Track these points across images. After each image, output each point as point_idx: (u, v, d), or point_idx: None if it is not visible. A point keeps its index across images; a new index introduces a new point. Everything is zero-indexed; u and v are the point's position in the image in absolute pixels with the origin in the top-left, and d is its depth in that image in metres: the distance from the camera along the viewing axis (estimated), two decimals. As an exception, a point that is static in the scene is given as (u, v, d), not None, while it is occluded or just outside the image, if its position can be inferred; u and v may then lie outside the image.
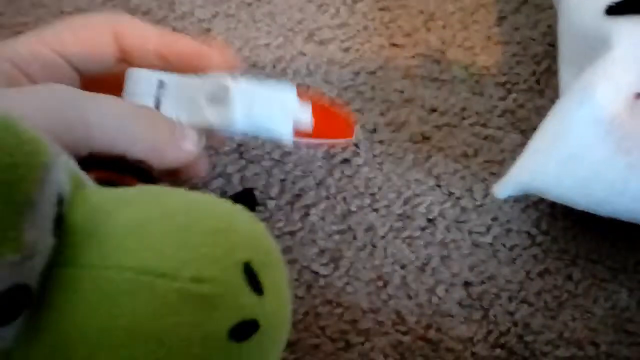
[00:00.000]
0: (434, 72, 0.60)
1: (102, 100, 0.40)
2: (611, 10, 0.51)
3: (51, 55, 0.43)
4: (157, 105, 0.46)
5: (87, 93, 0.40)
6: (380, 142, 0.56)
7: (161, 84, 0.46)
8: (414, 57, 0.60)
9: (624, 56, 0.48)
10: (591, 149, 0.47)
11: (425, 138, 0.57)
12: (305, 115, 0.49)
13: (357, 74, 0.60)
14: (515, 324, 0.49)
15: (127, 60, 0.46)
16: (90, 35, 0.45)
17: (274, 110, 0.48)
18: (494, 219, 0.53)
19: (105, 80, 0.46)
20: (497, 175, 0.55)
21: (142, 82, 0.46)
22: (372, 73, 0.60)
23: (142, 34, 0.46)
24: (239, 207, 0.34)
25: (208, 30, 0.63)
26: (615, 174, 0.47)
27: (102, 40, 0.45)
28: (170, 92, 0.46)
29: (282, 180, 0.55)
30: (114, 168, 0.40)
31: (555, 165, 0.48)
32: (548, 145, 0.48)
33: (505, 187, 0.49)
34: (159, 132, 0.41)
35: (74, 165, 0.32)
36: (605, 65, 0.48)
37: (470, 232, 0.53)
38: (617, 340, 0.49)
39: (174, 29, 0.64)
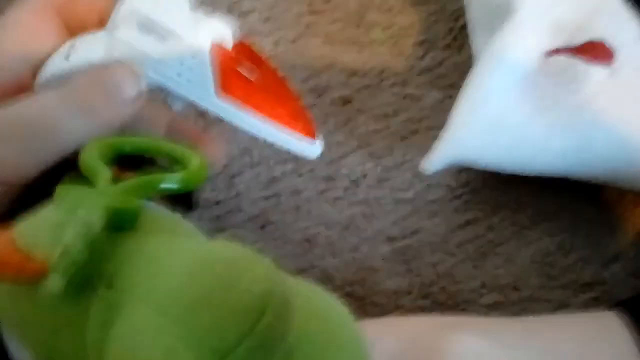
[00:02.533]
0: (353, 35, 0.60)
1: (40, 104, 0.39)
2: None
3: (50, 27, 0.43)
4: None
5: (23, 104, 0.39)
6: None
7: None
8: (333, 22, 0.61)
9: (529, 16, 0.49)
10: (511, 113, 0.48)
11: (347, 101, 0.57)
12: (225, 31, 0.43)
13: (278, 43, 0.60)
14: (439, 275, 0.51)
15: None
16: (30, 29, 0.43)
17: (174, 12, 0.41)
18: (415, 175, 0.54)
19: None
20: (417, 134, 0.56)
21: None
22: (293, 41, 0.60)
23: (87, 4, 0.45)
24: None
25: None
26: (537, 134, 0.48)
27: (45, 29, 0.43)
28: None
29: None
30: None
31: (478, 136, 0.49)
32: (469, 116, 0.48)
33: (433, 162, 0.50)
34: (86, 99, 0.39)
35: None
36: (513, 28, 0.49)
37: (392, 189, 0.53)
38: (540, 284, 0.51)
39: None
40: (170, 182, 0.32)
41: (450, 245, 0.52)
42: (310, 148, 0.45)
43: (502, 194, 0.53)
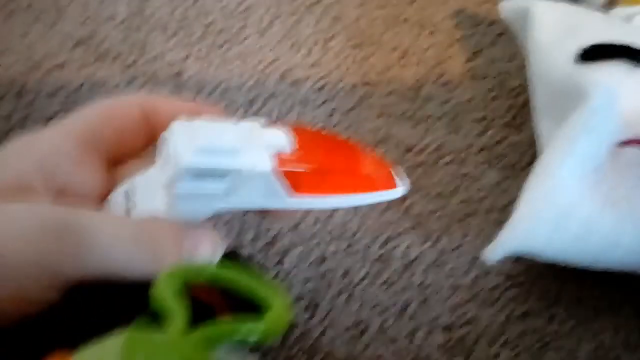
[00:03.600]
0: (408, 110, 0.59)
1: (96, 219, 0.36)
2: (583, 57, 0.50)
3: (78, 146, 0.39)
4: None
5: (76, 212, 0.36)
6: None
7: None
8: (388, 95, 0.60)
9: (602, 105, 0.47)
10: (580, 205, 0.46)
11: (402, 178, 0.56)
12: (280, 138, 0.41)
13: (331, 114, 0.59)
14: (498, 369, 0.48)
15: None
16: (119, 119, 0.41)
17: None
18: (473, 259, 0.52)
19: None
20: (474, 216, 0.54)
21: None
22: (346, 113, 0.59)
23: (173, 109, 0.41)
24: None
25: (179, 73, 0.62)
26: (606, 228, 0.46)
27: (131, 122, 0.41)
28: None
29: (257, 226, 0.53)
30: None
31: (545, 227, 0.46)
32: (535, 207, 0.47)
33: (495, 251, 0.47)
34: (159, 247, 0.37)
35: None
36: (584, 117, 0.47)
37: (447, 275, 0.51)
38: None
39: (144, 73, 0.63)
40: (253, 333, 0.29)
41: (509, 337, 0.49)
42: (395, 194, 0.44)
43: (562, 283, 0.51)
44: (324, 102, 0.59)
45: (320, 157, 0.43)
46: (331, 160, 0.44)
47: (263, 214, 0.42)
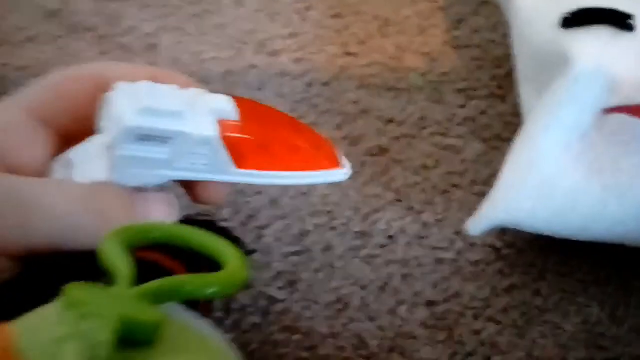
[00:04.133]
0: (390, 80, 0.58)
1: (45, 189, 0.35)
2: (567, 23, 0.49)
3: (29, 122, 0.38)
4: None
5: (24, 180, 0.35)
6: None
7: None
8: (369, 65, 0.58)
9: (586, 72, 0.46)
10: (564, 175, 0.45)
11: (383, 150, 0.55)
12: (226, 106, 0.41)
13: (310, 85, 0.58)
14: (482, 344, 0.47)
15: None
16: (71, 92, 0.39)
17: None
18: (457, 232, 0.51)
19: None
20: (458, 187, 0.53)
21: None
22: (326, 84, 0.58)
23: (129, 76, 0.39)
24: None
25: (154, 45, 0.61)
26: (591, 198, 0.45)
27: (84, 95, 0.39)
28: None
29: (234, 201, 0.52)
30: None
31: (529, 198, 0.46)
32: (519, 178, 0.46)
33: (478, 224, 0.47)
34: (109, 212, 0.36)
35: None
36: (568, 85, 0.46)
37: (432, 248, 0.51)
38: (589, 356, 0.47)
39: (120, 45, 0.61)
40: (207, 286, 0.28)
41: (494, 311, 0.48)
42: (339, 175, 0.45)
43: (548, 257, 0.51)
44: (303, 74, 0.58)
45: (264, 130, 0.43)
46: (275, 134, 0.44)
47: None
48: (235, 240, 0.45)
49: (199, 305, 0.38)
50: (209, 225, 0.46)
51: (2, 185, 0.34)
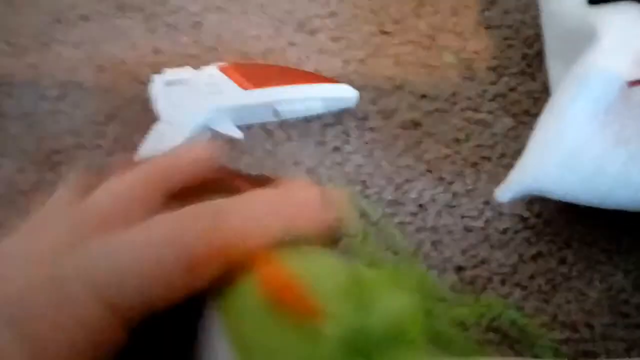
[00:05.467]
0: (424, 58, 0.59)
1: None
2: None
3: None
4: None
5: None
6: (371, 129, 0.56)
7: None
8: (404, 44, 0.60)
9: (612, 45, 0.47)
10: (590, 143, 0.47)
11: (416, 124, 0.56)
12: None
13: (347, 62, 0.60)
14: (508, 308, 0.49)
15: None
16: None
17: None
18: (486, 202, 0.53)
19: None
20: (487, 160, 0.54)
21: None
22: (363, 61, 0.60)
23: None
24: None
25: (199, 23, 0.63)
26: (617, 166, 0.47)
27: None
28: None
29: (274, 170, 0.55)
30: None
31: (556, 165, 0.47)
32: (546, 146, 0.47)
33: (507, 190, 0.48)
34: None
35: None
36: (595, 57, 0.47)
37: (461, 217, 0.52)
38: (613, 322, 0.49)
39: (166, 24, 0.64)
40: None
41: (521, 277, 0.50)
42: (345, 91, 0.57)
43: (575, 226, 0.52)
44: (340, 51, 0.60)
45: (259, 67, 0.60)
46: (271, 67, 0.60)
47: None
48: None
49: None
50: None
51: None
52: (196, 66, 0.58)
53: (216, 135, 0.55)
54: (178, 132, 0.54)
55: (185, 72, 0.57)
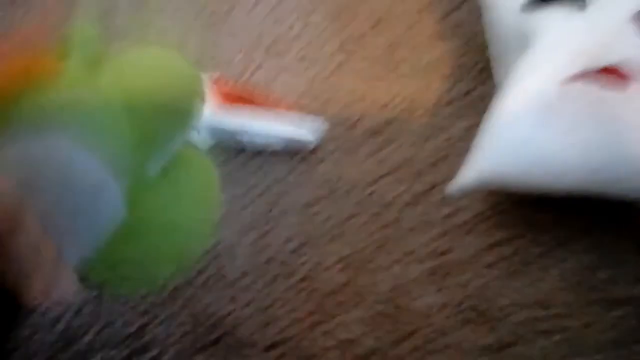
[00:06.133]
0: (382, 71, 0.63)
1: None
2: (529, 5, 0.54)
3: None
4: None
5: None
6: (335, 139, 0.60)
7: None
8: (363, 60, 0.64)
9: (546, 46, 0.51)
10: (532, 138, 0.50)
11: (377, 132, 0.60)
12: None
13: (312, 80, 0.63)
14: (469, 295, 0.52)
15: None
16: None
17: None
18: (444, 199, 0.56)
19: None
20: (445, 160, 0.58)
21: None
22: (327, 78, 0.63)
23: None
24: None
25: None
26: (555, 158, 0.50)
27: None
28: None
29: (246, 181, 0.58)
30: None
31: (504, 157, 0.50)
32: (493, 140, 0.51)
33: (459, 185, 0.52)
34: None
35: None
36: (530, 58, 0.51)
37: (422, 213, 0.56)
38: (569, 302, 0.52)
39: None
40: None
41: (480, 266, 0.53)
42: (315, 125, 0.60)
43: (528, 216, 0.55)
44: (306, 70, 0.64)
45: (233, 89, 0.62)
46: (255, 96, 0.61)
47: None
48: None
49: None
50: None
51: None
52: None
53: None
54: None
55: None
